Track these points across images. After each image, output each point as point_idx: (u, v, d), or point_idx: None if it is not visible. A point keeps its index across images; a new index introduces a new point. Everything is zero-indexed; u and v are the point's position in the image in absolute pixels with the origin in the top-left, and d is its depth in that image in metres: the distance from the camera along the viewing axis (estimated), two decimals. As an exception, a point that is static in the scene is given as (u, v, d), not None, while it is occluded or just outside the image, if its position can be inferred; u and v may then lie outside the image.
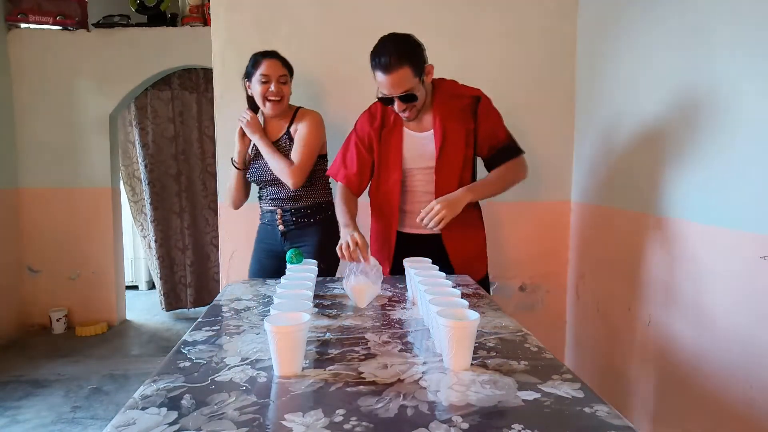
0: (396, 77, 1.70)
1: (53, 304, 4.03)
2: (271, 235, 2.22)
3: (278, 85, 2.07)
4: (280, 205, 2.17)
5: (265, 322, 1.03)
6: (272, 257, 2.22)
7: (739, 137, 1.55)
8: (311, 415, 0.86)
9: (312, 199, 2.17)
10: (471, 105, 1.85)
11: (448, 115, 1.84)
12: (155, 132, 4.33)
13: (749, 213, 1.51)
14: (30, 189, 3.98)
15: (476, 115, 1.84)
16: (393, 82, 1.71)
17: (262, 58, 2.09)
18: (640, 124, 2.07)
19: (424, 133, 1.87)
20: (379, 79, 1.74)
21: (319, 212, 2.18)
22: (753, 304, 1.50)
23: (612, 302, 2.30)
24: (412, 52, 1.73)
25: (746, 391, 1.52)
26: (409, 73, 1.71)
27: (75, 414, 2.73)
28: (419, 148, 1.88)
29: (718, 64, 1.63)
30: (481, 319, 1.33)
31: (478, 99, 1.86)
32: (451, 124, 1.83)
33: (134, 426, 0.83)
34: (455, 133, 1.83)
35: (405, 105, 1.77)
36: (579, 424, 0.84)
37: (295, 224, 2.17)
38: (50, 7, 3.83)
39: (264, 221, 2.26)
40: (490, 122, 1.86)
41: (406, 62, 1.70)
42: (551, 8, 2.60)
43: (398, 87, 1.72)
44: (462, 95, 1.87)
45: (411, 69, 1.71)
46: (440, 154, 1.84)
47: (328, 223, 2.18)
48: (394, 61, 1.68)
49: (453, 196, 1.72)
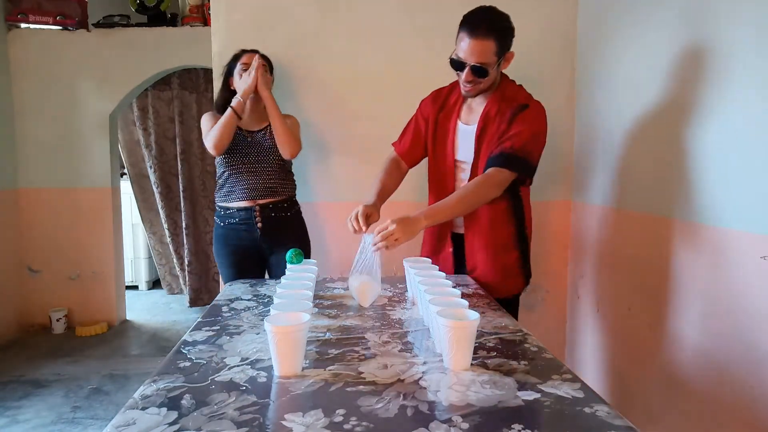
0: (479, 45, 1.64)
1: (53, 304, 4.03)
2: (244, 236, 2.22)
3: (260, 67, 2.19)
4: (257, 200, 2.19)
5: (265, 322, 1.03)
6: (249, 258, 2.23)
7: (740, 136, 1.55)
8: (311, 415, 0.86)
9: (286, 193, 2.27)
10: (515, 109, 1.75)
11: (493, 114, 1.78)
12: (157, 133, 4.38)
13: (750, 213, 1.51)
14: (30, 189, 3.98)
15: (514, 119, 1.74)
16: (474, 49, 1.65)
17: (243, 53, 2.26)
18: (640, 124, 2.07)
19: (470, 126, 1.83)
20: (461, 41, 1.67)
21: (294, 205, 2.32)
22: (753, 304, 1.50)
23: (612, 302, 2.30)
24: (505, 31, 1.68)
25: (747, 391, 1.52)
26: (492, 47, 1.65)
27: (75, 414, 2.73)
28: (464, 140, 1.85)
29: (719, 63, 1.63)
30: (481, 319, 1.33)
31: (525, 106, 1.76)
32: (492, 124, 1.78)
33: (134, 426, 0.83)
34: (492, 133, 1.77)
35: (473, 77, 1.70)
36: (579, 424, 0.84)
37: (275, 220, 2.22)
38: (50, 7, 3.83)
39: (233, 221, 2.22)
40: (521, 126, 1.72)
41: (495, 35, 1.65)
42: (551, 8, 2.60)
43: (477, 56, 1.66)
44: (514, 99, 1.78)
45: (496, 44, 1.65)
46: (477, 152, 1.80)
47: (300, 217, 2.34)
48: (484, 29, 1.63)
49: (411, 218, 1.57)
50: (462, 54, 1.68)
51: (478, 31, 1.63)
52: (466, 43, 1.66)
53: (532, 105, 1.78)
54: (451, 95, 1.90)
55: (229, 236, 2.24)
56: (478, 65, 1.67)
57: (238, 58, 2.24)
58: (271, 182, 2.22)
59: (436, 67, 2.16)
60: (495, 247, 1.84)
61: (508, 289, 1.87)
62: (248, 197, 2.19)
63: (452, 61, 1.72)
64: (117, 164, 4.22)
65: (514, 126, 1.73)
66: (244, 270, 2.21)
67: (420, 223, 1.58)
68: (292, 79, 2.58)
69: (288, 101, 2.57)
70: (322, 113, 2.57)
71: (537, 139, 1.77)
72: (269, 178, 2.22)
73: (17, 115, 3.91)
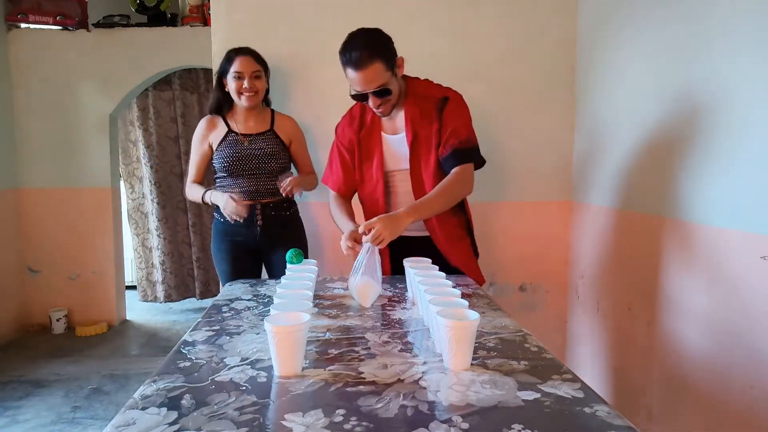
0: (368, 73, 1.66)
1: (53, 304, 4.03)
2: (245, 232, 2.21)
3: (251, 80, 2.15)
4: (259, 200, 2.20)
5: (265, 322, 1.03)
6: (247, 255, 2.24)
7: (740, 136, 1.55)
8: (311, 415, 0.86)
9: None
10: (438, 105, 1.80)
11: (418, 116, 1.81)
12: (159, 133, 4.41)
13: (750, 213, 1.51)
14: (30, 189, 3.98)
15: (442, 115, 1.79)
16: (366, 78, 1.67)
17: (236, 55, 2.17)
18: (640, 124, 2.07)
19: (397, 135, 1.86)
20: (350, 76, 1.70)
21: (292, 205, 2.33)
22: (753, 304, 1.50)
23: (612, 302, 2.30)
24: (383, 47, 1.69)
25: (747, 391, 1.52)
26: (381, 68, 1.67)
27: (75, 414, 2.73)
28: (395, 150, 1.87)
29: (719, 64, 1.63)
30: (481, 319, 1.33)
31: (445, 99, 1.80)
32: (422, 126, 1.80)
33: (134, 426, 0.83)
34: (425, 135, 1.80)
35: (380, 100, 1.74)
36: (579, 424, 0.84)
37: (275, 218, 2.22)
38: (50, 7, 3.83)
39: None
40: (454, 120, 1.79)
41: (378, 57, 1.66)
42: (551, 8, 2.60)
43: (371, 83, 1.68)
44: (431, 96, 1.82)
45: (383, 63, 1.67)
46: (412, 157, 1.82)
47: (298, 216, 2.36)
48: (366, 57, 1.64)
49: (395, 215, 1.61)
50: (358, 87, 1.72)
51: (360, 63, 1.65)
52: (355, 77, 1.68)
53: (450, 95, 1.82)
54: (366, 114, 1.90)
55: (229, 232, 2.23)
56: (377, 89, 1.70)
57: (231, 60, 2.17)
58: (271, 184, 2.22)
59: (435, 67, 2.17)
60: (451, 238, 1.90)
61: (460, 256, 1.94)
62: (249, 197, 2.20)
63: (354, 96, 1.77)
64: (117, 164, 4.22)
65: (446, 122, 1.78)
66: (242, 267, 2.21)
67: (403, 219, 1.61)
68: (291, 78, 2.58)
69: (287, 101, 2.57)
70: (321, 113, 2.57)
71: (471, 125, 1.85)
72: (269, 181, 2.22)
73: (17, 115, 3.91)
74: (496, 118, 2.61)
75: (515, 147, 2.64)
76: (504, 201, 2.66)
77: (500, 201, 2.66)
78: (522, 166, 2.66)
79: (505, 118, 2.62)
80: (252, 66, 2.16)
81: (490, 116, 2.57)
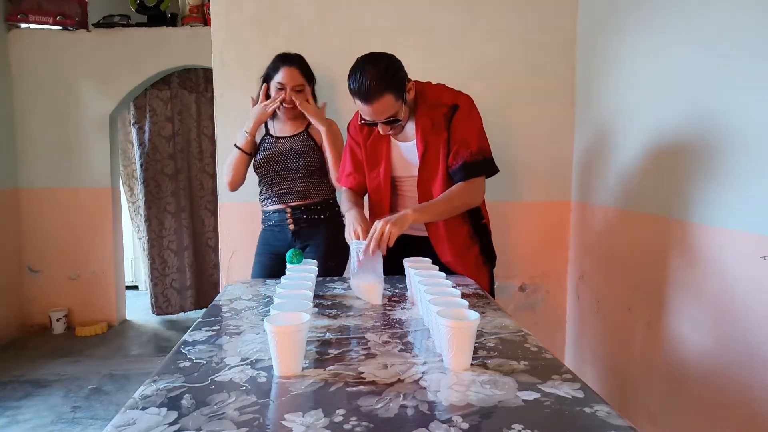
0: (378, 106, 1.63)
1: (53, 304, 4.03)
2: (279, 237, 2.20)
3: (292, 93, 2.11)
4: (289, 202, 2.16)
5: (265, 322, 1.03)
6: (275, 259, 2.20)
7: (740, 136, 1.55)
8: (311, 415, 0.86)
9: (320, 196, 2.19)
10: (447, 114, 1.75)
11: (429, 126, 1.77)
12: (152, 130, 4.29)
13: (750, 213, 1.51)
14: (30, 189, 3.98)
15: (450, 124, 1.74)
16: (375, 111, 1.64)
17: (282, 64, 2.12)
18: (640, 124, 2.07)
19: (408, 143, 1.84)
20: (359, 107, 1.67)
21: (328, 209, 2.21)
22: (753, 304, 1.50)
23: (612, 302, 2.30)
24: (394, 77, 1.63)
25: (747, 391, 1.52)
26: (392, 100, 1.63)
27: (75, 414, 2.73)
28: (405, 157, 1.85)
29: (719, 63, 1.63)
30: (481, 319, 1.33)
31: (455, 107, 1.75)
32: (432, 135, 1.77)
33: (134, 426, 0.83)
34: (435, 144, 1.77)
35: (389, 126, 1.72)
36: (579, 424, 0.84)
37: (306, 222, 2.17)
38: (50, 7, 3.83)
39: (270, 223, 2.22)
40: (463, 130, 1.74)
41: (388, 89, 1.61)
42: (551, 8, 2.60)
43: (381, 114, 1.65)
44: (441, 104, 1.77)
45: (393, 95, 1.63)
46: (422, 166, 1.80)
47: (336, 220, 2.19)
48: (375, 90, 1.59)
49: (397, 215, 1.60)
50: (368, 117, 1.69)
51: (370, 96, 1.61)
52: (366, 109, 1.65)
53: (460, 101, 1.77)
54: None
55: (268, 238, 2.23)
56: (387, 119, 1.68)
57: (277, 68, 2.12)
58: (302, 185, 2.16)
59: (435, 67, 2.17)
60: (456, 248, 1.86)
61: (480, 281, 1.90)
62: (281, 201, 2.17)
63: (363, 123, 1.75)
64: (117, 164, 4.22)
65: (454, 132, 1.74)
66: (268, 271, 2.18)
67: (407, 216, 1.60)
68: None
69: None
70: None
71: (482, 133, 1.81)
72: (300, 182, 2.16)
73: (17, 115, 3.92)
74: (495, 118, 2.60)
75: (515, 147, 2.64)
76: (504, 201, 2.65)
77: (500, 201, 2.66)
78: (522, 166, 2.66)
79: (505, 118, 2.62)
80: (296, 79, 2.12)
81: (489, 116, 2.55)
